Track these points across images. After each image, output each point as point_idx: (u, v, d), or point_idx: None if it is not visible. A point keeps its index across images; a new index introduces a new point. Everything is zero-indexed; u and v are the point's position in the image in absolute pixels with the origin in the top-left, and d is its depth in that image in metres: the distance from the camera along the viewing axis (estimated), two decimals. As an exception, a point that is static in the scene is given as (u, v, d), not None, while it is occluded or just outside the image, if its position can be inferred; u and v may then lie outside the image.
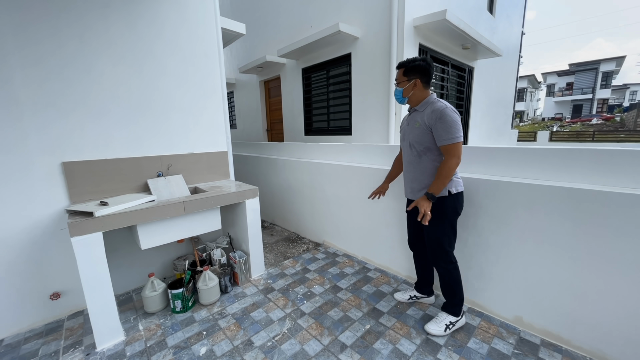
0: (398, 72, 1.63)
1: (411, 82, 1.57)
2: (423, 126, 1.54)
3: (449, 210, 1.58)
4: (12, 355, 1.62)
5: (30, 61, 1.71)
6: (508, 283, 1.72)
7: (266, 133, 6.12)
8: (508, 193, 1.64)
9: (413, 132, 1.60)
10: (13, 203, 1.73)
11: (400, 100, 1.66)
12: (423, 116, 1.55)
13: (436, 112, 1.48)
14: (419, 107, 1.59)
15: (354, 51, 3.76)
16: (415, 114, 1.63)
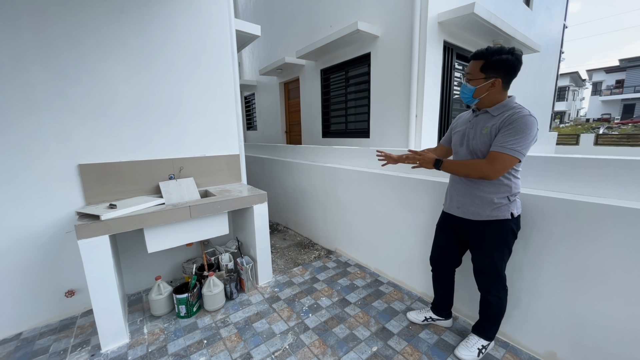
0: (472, 64, 1.29)
1: (489, 81, 1.26)
2: (493, 131, 1.27)
3: (510, 234, 1.36)
4: (26, 350, 1.68)
5: (50, 68, 1.77)
6: (545, 314, 1.49)
7: (285, 135, 6.11)
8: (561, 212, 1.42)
9: (479, 138, 1.32)
10: (32, 203, 1.81)
11: (468, 100, 1.36)
12: (496, 122, 1.27)
13: (511, 117, 1.22)
14: (493, 111, 1.30)
15: (373, 51, 3.61)
16: (484, 117, 1.33)
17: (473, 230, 1.43)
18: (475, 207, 1.38)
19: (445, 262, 1.66)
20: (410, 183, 2.06)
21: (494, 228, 1.36)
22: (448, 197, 1.56)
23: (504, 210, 1.33)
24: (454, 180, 1.51)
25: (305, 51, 4.17)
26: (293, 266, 2.69)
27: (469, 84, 1.33)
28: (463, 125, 1.47)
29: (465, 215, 1.43)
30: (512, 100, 1.30)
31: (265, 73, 5.55)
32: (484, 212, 1.36)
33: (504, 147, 1.21)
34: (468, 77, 1.33)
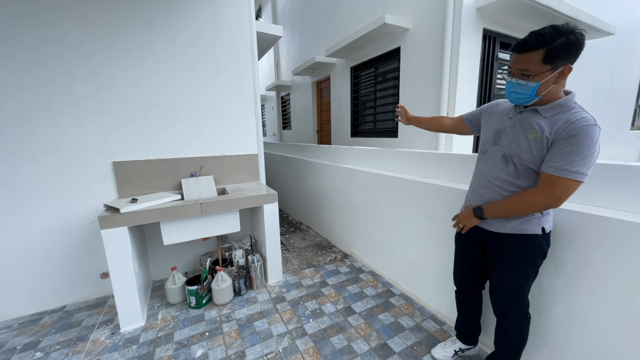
0: (529, 57, 0.96)
1: (557, 70, 0.95)
2: (544, 139, 1.00)
3: (538, 252, 1.13)
4: (65, 321, 1.95)
5: (90, 77, 2.01)
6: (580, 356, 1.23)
7: (316, 134, 6.12)
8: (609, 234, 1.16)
9: (523, 144, 1.05)
10: (76, 194, 2.08)
11: (526, 100, 1.03)
12: (549, 128, 0.99)
13: (570, 126, 0.94)
14: (545, 110, 1.02)
15: (403, 45, 3.38)
16: (531, 116, 1.05)
17: (494, 242, 1.22)
18: (500, 219, 1.17)
19: (471, 282, 1.42)
20: (425, 188, 1.87)
21: (520, 243, 1.14)
22: (467, 202, 1.34)
23: (534, 223, 1.11)
24: (476, 184, 1.27)
25: (334, 49, 4.10)
26: (307, 267, 2.67)
27: (530, 79, 0.98)
28: (500, 119, 1.19)
29: (487, 227, 1.21)
30: (571, 99, 1.01)
31: (298, 73, 5.62)
32: (509, 224, 1.14)
33: (567, 170, 0.94)
34: (527, 74, 0.98)
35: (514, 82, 1.03)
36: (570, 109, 1.00)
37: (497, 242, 1.20)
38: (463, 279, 1.45)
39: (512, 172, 1.11)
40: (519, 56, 0.99)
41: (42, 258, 2.04)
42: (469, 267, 1.40)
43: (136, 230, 2.07)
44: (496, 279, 1.24)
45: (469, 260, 1.39)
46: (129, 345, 1.71)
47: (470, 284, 1.43)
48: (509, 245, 1.16)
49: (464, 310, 1.51)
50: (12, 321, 1.96)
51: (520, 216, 1.10)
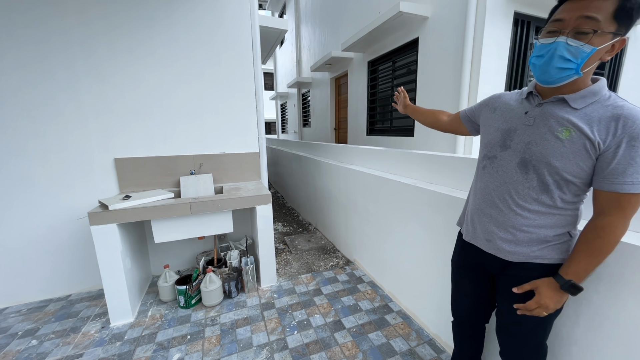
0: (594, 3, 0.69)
1: (614, 40, 0.71)
2: (580, 140, 0.75)
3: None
4: (67, 310, 2.03)
5: (93, 74, 2.06)
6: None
7: (334, 132, 5.96)
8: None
9: (552, 145, 0.79)
10: (79, 190, 2.16)
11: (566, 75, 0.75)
12: (588, 121, 0.75)
13: (625, 125, 0.71)
14: (575, 100, 0.77)
15: (422, 35, 3.09)
16: (556, 109, 0.80)
17: (506, 272, 0.95)
18: (515, 243, 0.89)
19: (474, 317, 1.16)
20: (426, 195, 1.65)
21: (545, 275, 0.87)
22: (469, 221, 1.05)
23: (560, 250, 0.86)
24: (483, 201, 0.97)
25: (350, 42, 3.90)
26: (306, 272, 2.55)
27: (586, 42, 0.70)
28: (507, 115, 0.92)
29: (499, 253, 0.94)
30: (604, 86, 0.78)
31: (316, 69, 5.49)
32: (529, 251, 0.88)
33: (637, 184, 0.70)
34: (589, 29, 0.69)
35: (561, 41, 0.72)
36: (606, 97, 0.76)
37: (511, 273, 0.94)
38: (462, 314, 1.18)
39: (535, 185, 0.84)
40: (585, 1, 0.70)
41: (51, 249, 2.15)
42: (472, 302, 1.13)
43: (132, 227, 2.10)
44: (508, 318, 0.98)
45: (473, 294, 1.11)
46: (113, 341, 1.72)
47: (474, 320, 1.17)
48: (532, 277, 0.89)
49: (462, 345, 1.26)
50: (22, 306, 2.09)
51: (608, 255, 0.80)
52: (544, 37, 0.79)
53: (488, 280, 1.04)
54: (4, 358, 1.60)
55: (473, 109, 1.12)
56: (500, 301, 1.01)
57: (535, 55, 0.80)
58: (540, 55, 0.78)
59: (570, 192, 0.82)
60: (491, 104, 1.02)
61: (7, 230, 2.03)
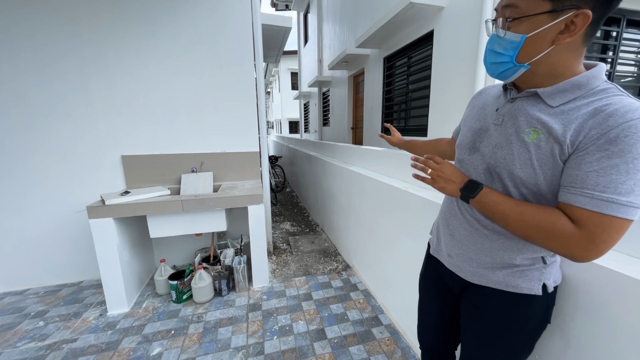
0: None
1: (563, 16, 0.55)
2: (549, 143, 0.60)
3: (535, 319, 0.74)
4: (75, 296, 2.19)
5: (103, 76, 2.19)
6: None
7: (351, 131, 5.82)
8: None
9: (514, 148, 0.65)
10: (89, 184, 2.31)
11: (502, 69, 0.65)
12: (564, 121, 0.59)
13: (607, 121, 0.53)
14: (550, 95, 0.62)
15: (437, 27, 2.87)
16: (528, 106, 0.65)
17: (469, 297, 0.82)
18: (478, 264, 0.76)
19: (440, 345, 1.00)
20: (417, 202, 1.50)
21: (508, 305, 0.73)
22: (435, 232, 0.95)
23: (531, 277, 0.71)
24: (447, 209, 0.86)
25: (363, 38, 3.76)
26: (302, 274, 2.49)
27: (511, 30, 0.60)
28: (481, 112, 0.78)
29: (459, 272, 0.81)
30: (598, 75, 0.60)
31: (334, 67, 5.40)
32: (491, 275, 0.74)
33: (615, 201, 0.52)
34: (510, 15, 0.60)
35: (493, 34, 0.65)
36: (596, 90, 0.59)
37: (473, 298, 0.81)
38: (428, 338, 1.03)
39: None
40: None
41: (64, 238, 2.33)
42: (438, 323, 0.97)
43: (134, 221, 2.20)
44: (469, 351, 0.84)
45: (438, 314, 0.96)
46: (106, 329, 1.81)
47: (439, 348, 1.01)
48: (491, 306, 0.76)
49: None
50: (41, 289, 2.30)
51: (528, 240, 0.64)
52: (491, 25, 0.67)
53: (453, 300, 0.90)
54: (13, 335, 1.76)
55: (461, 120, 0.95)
56: (462, 331, 0.86)
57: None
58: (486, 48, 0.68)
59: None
60: (472, 103, 0.88)
61: (29, 220, 2.23)
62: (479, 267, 0.76)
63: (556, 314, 0.80)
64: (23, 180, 2.18)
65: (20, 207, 2.20)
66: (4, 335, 1.76)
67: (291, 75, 14.62)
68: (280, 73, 14.71)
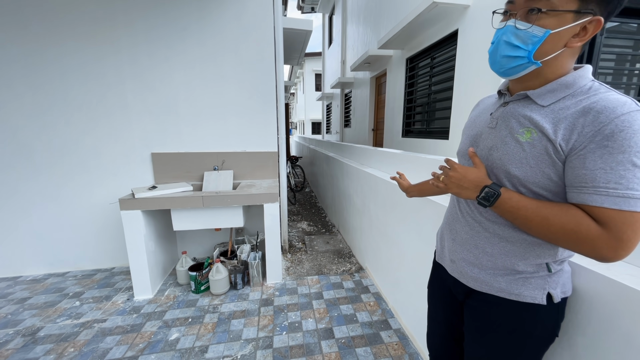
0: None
1: (582, 19, 0.56)
2: (541, 142, 0.60)
3: (541, 332, 0.71)
4: (107, 281, 2.40)
5: (137, 79, 2.38)
6: None
7: (372, 133, 5.76)
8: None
9: (510, 148, 0.65)
10: (123, 178, 2.52)
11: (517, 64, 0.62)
12: (554, 120, 0.60)
13: (598, 118, 0.54)
14: (540, 95, 0.63)
15: (461, 27, 2.77)
16: (519, 108, 0.66)
17: (472, 304, 0.79)
18: (480, 269, 0.74)
19: (448, 351, 0.98)
20: (429, 206, 1.47)
21: (509, 314, 0.71)
22: (439, 238, 0.94)
23: (534, 285, 0.68)
24: (450, 214, 0.86)
25: (385, 39, 3.72)
26: (315, 273, 2.53)
27: (536, 23, 0.58)
28: (478, 120, 0.79)
29: (461, 278, 0.80)
30: (585, 75, 0.61)
31: (355, 68, 5.39)
32: (493, 281, 0.72)
33: (631, 196, 0.51)
34: (539, 6, 0.57)
35: (510, 25, 0.61)
36: (584, 89, 0.59)
37: (476, 305, 0.78)
38: (437, 346, 1.02)
39: None
40: None
41: (99, 226, 2.55)
42: (445, 331, 0.96)
43: (160, 214, 2.36)
44: (470, 357, 0.82)
45: (444, 321, 0.95)
46: (132, 313, 1.97)
47: (446, 356, 0.99)
48: (494, 314, 0.74)
49: None
50: (79, 272, 2.54)
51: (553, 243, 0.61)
52: (500, 23, 0.65)
53: (458, 307, 0.87)
54: (54, 312, 1.97)
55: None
56: (466, 338, 0.84)
57: (491, 43, 0.65)
58: (492, 42, 0.65)
59: None
60: (471, 114, 0.88)
61: (69, 209, 2.48)
62: (480, 273, 0.74)
63: (565, 328, 0.76)
64: (64, 173, 2.42)
65: (62, 196, 2.45)
66: (46, 312, 1.97)
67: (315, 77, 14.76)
68: (304, 75, 14.91)
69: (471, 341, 0.81)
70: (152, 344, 1.67)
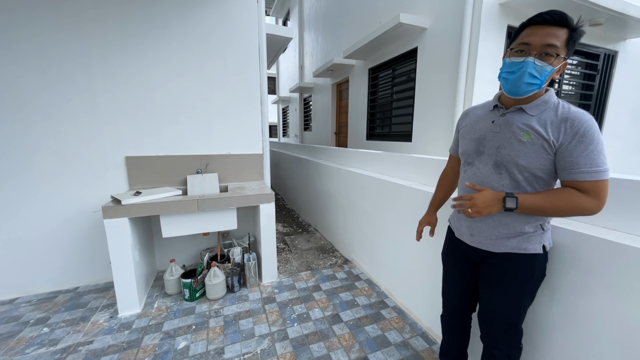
0: (555, 31, 0.85)
1: (564, 61, 0.88)
2: (539, 141, 0.89)
3: (538, 273, 1.01)
4: (75, 301, 2.12)
5: (108, 76, 2.17)
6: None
7: (334, 136, 6.08)
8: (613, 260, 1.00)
9: (516, 147, 0.93)
10: (91, 185, 2.26)
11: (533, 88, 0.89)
12: (542, 124, 0.89)
13: (572, 125, 0.85)
14: (531, 108, 0.92)
15: (421, 45, 3.23)
16: (517, 117, 0.94)
17: (489, 263, 1.06)
18: (497, 237, 1.01)
19: (463, 306, 1.26)
20: (421, 196, 1.75)
21: (519, 264, 0.99)
22: (456, 218, 1.19)
23: (535, 241, 0.98)
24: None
25: (351, 50, 4.05)
26: (305, 269, 2.64)
27: (549, 63, 0.86)
28: (478, 126, 1.06)
29: (482, 246, 1.06)
30: (552, 94, 0.94)
31: (318, 75, 5.64)
32: (508, 243, 0.99)
33: (600, 171, 0.83)
34: (552, 52, 0.85)
35: (530, 61, 0.86)
36: (555, 104, 0.92)
37: (492, 263, 1.05)
38: (454, 303, 1.28)
39: (507, 184, 0.96)
40: (548, 29, 0.85)
41: (60, 242, 2.24)
42: (460, 290, 1.23)
43: (141, 222, 2.19)
44: (488, 304, 1.09)
45: (460, 283, 1.22)
46: (122, 330, 1.81)
47: (462, 309, 1.27)
48: (507, 266, 1.01)
49: (452, 337, 1.34)
50: (33, 297, 2.17)
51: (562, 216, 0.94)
52: (513, 56, 0.91)
53: (472, 270, 1.15)
54: (17, 343, 1.69)
55: (455, 139, 1.24)
56: (481, 289, 1.12)
57: (506, 71, 0.93)
58: (512, 72, 0.91)
59: (540, 187, 0.94)
60: (464, 122, 1.16)
61: (22, 223, 2.12)
62: (498, 239, 1.01)
63: (548, 272, 1.08)
64: (16, 183, 2.07)
65: (12, 210, 2.09)
66: (6, 344, 1.68)
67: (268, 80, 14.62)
68: (255, 77, 14.64)
69: (489, 291, 1.08)
70: (160, 356, 1.59)
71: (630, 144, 3.94)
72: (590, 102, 3.50)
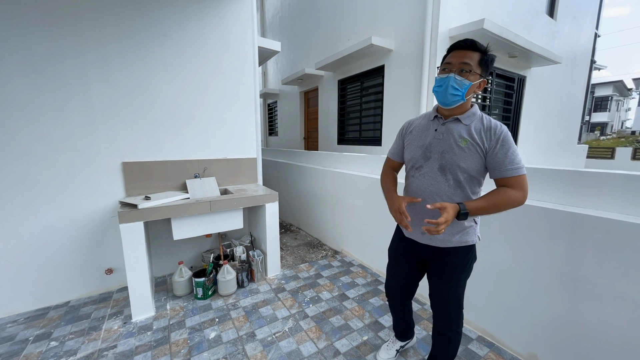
0: (471, 55, 1.07)
1: (481, 79, 1.10)
2: (473, 146, 1.10)
3: (473, 258, 1.24)
4: (73, 314, 2.02)
5: (105, 81, 2.15)
6: (528, 317, 1.57)
7: (303, 141, 6.40)
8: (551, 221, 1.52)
9: (457, 152, 1.11)
10: (85, 193, 2.17)
11: (454, 101, 1.10)
12: (474, 132, 1.11)
13: (495, 132, 1.08)
14: (465, 119, 1.14)
15: (387, 63, 3.79)
16: (455, 126, 1.14)
17: (439, 258, 1.24)
18: (444, 234, 1.18)
19: (404, 294, 1.47)
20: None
21: (462, 255, 1.20)
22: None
23: (471, 233, 1.19)
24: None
25: (324, 63, 4.43)
26: (301, 262, 2.89)
27: (465, 77, 1.07)
28: (422, 134, 1.22)
29: (432, 243, 1.22)
30: (477, 108, 1.18)
31: (287, 83, 5.90)
32: (453, 238, 1.18)
33: (519, 167, 1.06)
34: (467, 69, 1.06)
35: (452, 76, 1.08)
36: (481, 116, 1.15)
37: (440, 257, 1.23)
38: (396, 293, 1.47)
39: (452, 184, 1.14)
40: (462, 52, 1.08)
41: (47, 254, 2.10)
42: (405, 283, 1.42)
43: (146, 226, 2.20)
44: (441, 292, 1.27)
45: (406, 276, 1.40)
46: (143, 332, 1.84)
47: (406, 297, 1.48)
48: (453, 258, 1.21)
49: (400, 315, 1.56)
50: (17, 316, 2.00)
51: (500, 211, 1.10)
52: (440, 74, 1.14)
53: (417, 264, 1.35)
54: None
55: (397, 145, 1.38)
56: (434, 281, 1.30)
57: (437, 85, 1.14)
58: (440, 85, 1.12)
59: (475, 186, 1.15)
60: (408, 129, 1.31)
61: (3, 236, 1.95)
62: (444, 236, 1.18)
63: (506, 233, 1.58)
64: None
65: (-5, 222, 1.91)
66: (13, 362, 1.59)
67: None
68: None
69: (442, 283, 1.26)
70: (195, 346, 1.70)
71: (537, 146, 5.15)
72: (510, 114, 4.52)
